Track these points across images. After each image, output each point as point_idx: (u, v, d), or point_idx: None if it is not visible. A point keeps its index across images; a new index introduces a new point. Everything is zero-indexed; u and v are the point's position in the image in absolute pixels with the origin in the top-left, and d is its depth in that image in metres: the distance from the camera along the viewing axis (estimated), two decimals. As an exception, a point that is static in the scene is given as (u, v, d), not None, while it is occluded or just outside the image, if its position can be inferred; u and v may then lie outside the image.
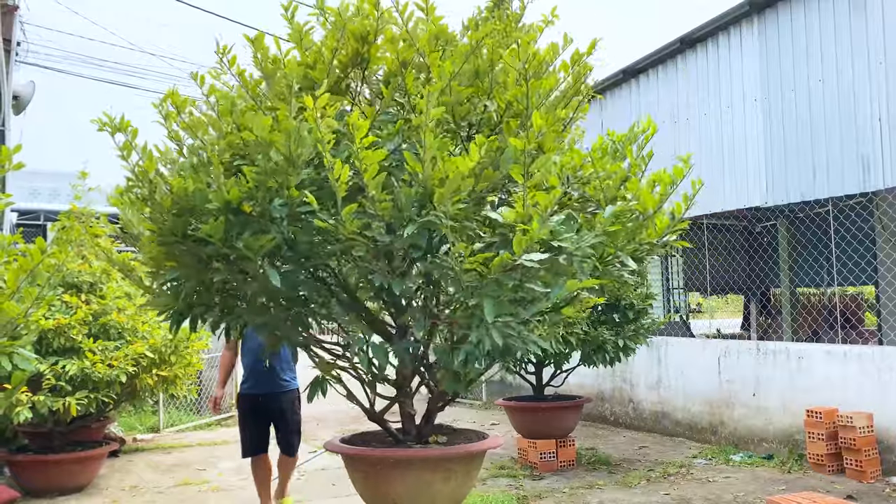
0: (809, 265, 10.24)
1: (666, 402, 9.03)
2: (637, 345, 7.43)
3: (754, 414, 7.87)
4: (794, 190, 7.88)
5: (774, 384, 7.69)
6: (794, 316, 10.49)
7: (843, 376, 7.03)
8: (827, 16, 7.56)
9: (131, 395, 6.89)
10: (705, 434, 8.45)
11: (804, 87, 7.78)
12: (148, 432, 9.56)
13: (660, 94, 9.65)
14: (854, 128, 7.28)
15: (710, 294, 15.09)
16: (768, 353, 7.78)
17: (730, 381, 8.18)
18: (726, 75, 8.71)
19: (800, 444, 7.24)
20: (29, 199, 20.10)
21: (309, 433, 9.50)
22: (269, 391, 5.45)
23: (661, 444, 8.49)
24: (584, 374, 9.11)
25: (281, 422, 5.52)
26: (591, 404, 9.13)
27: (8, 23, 9.09)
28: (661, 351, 9.11)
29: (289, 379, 5.56)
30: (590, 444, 8.44)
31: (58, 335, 6.14)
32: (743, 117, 8.47)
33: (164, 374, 6.81)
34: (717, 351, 8.40)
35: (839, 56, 7.44)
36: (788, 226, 9.79)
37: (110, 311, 6.56)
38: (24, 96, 9.82)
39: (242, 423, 5.55)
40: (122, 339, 6.52)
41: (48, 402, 5.85)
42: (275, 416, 5.51)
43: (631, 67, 9.89)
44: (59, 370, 5.97)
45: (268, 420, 5.51)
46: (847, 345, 7.55)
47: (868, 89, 7.16)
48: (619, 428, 9.57)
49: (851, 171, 7.29)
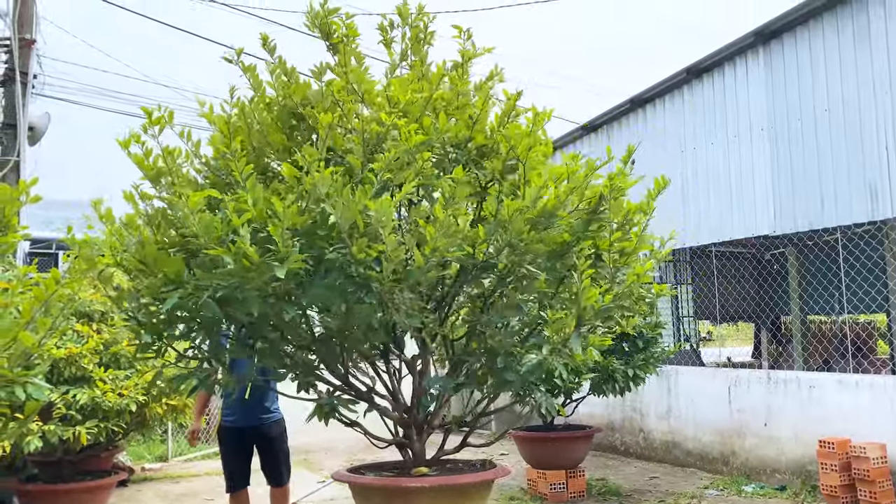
0: (819, 293, 10.19)
1: (676, 432, 8.95)
2: (647, 374, 7.40)
3: (766, 444, 7.79)
4: (803, 218, 7.88)
5: (786, 414, 7.62)
6: (804, 344, 10.42)
7: (855, 406, 6.96)
8: (832, 46, 7.63)
9: (141, 424, 6.89)
10: (716, 464, 8.36)
11: (810, 116, 7.82)
12: (156, 461, 9.54)
13: (667, 124, 9.71)
14: (861, 156, 7.29)
15: (719, 322, 15.00)
16: (779, 382, 7.73)
17: (741, 411, 8.11)
18: (733, 105, 8.77)
19: (813, 475, 7.15)
20: (42, 227, 20.27)
21: (316, 463, 9.46)
22: (255, 423, 5.31)
23: (672, 474, 8.40)
24: (594, 403, 9.06)
25: (269, 453, 5.37)
26: (601, 434, 9.06)
27: (25, 56, 9.26)
28: (671, 380, 9.05)
29: (274, 409, 5.43)
30: (600, 474, 8.36)
31: (69, 364, 6.17)
32: (750, 146, 8.51)
33: (174, 403, 6.82)
34: (728, 380, 8.34)
35: (845, 85, 7.49)
36: (797, 254, 9.77)
37: (121, 340, 6.59)
38: (39, 127, 9.97)
39: (227, 456, 5.41)
40: (132, 368, 6.54)
41: (58, 432, 5.85)
42: (262, 448, 5.37)
43: (638, 97, 9.98)
44: (70, 399, 5.98)
45: (251, 453, 5.39)
46: (859, 374, 7.48)
47: (874, 118, 7.19)
48: (629, 458, 9.48)
49: (860, 200, 7.29)
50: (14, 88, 9.09)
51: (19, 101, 9.12)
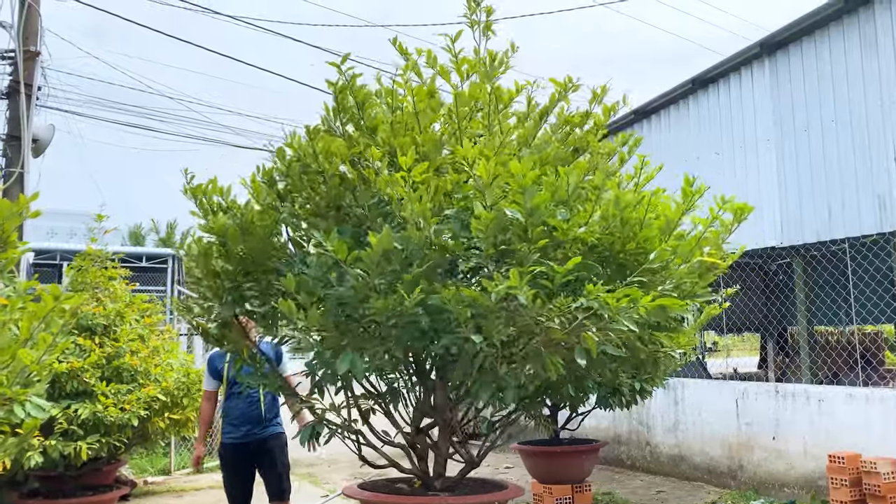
0: (827, 305, 10.11)
1: (683, 446, 8.86)
2: (654, 387, 7.31)
3: (775, 458, 7.70)
4: (810, 230, 7.82)
5: (795, 427, 7.53)
6: (812, 356, 10.32)
7: (866, 420, 6.87)
8: (838, 56, 7.58)
9: (143, 438, 6.84)
10: (724, 478, 8.26)
11: (817, 127, 7.77)
12: (159, 475, 9.47)
13: (671, 134, 9.67)
14: (869, 167, 7.24)
15: (726, 333, 14.90)
16: (787, 395, 7.64)
17: (749, 424, 8.02)
18: (738, 115, 8.72)
19: (822, 490, 7.05)
20: (46, 238, 20.32)
21: (321, 476, 9.38)
22: (259, 437, 5.25)
23: (680, 488, 8.31)
24: (601, 416, 8.97)
25: (271, 467, 5.28)
26: (606, 447, 8.97)
27: (30, 68, 9.27)
28: (677, 393, 8.97)
29: (277, 423, 5.38)
30: (606, 488, 8.27)
31: (71, 378, 6.13)
32: (756, 157, 8.46)
33: (176, 417, 6.77)
34: (735, 393, 8.26)
35: (851, 96, 7.44)
36: (804, 264, 9.69)
37: (123, 354, 6.55)
38: (43, 139, 9.97)
39: (229, 479, 5.32)
40: (134, 383, 6.49)
41: (59, 447, 5.80)
42: (263, 463, 5.29)
43: (643, 108, 9.94)
44: (72, 414, 5.94)
45: (253, 473, 5.32)
46: (869, 387, 7.40)
47: (882, 129, 7.14)
48: (635, 471, 9.38)
49: (868, 211, 7.23)
50: (18, 100, 9.09)
51: (24, 113, 9.12)
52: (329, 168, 3.53)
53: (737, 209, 3.67)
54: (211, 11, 10.93)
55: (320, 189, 3.59)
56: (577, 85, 3.92)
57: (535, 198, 2.98)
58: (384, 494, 3.72)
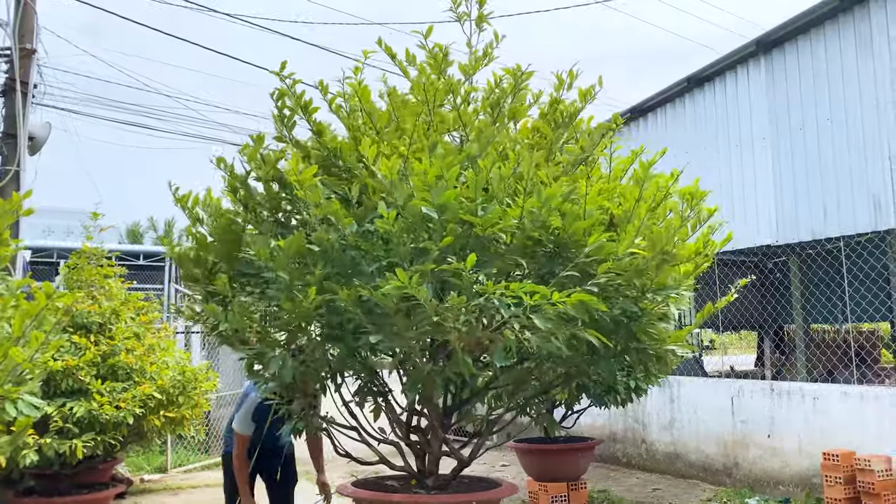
0: (822, 303, 10.13)
1: (679, 443, 8.88)
2: (649, 385, 7.32)
3: (770, 456, 7.72)
4: (805, 228, 7.83)
5: (790, 425, 7.55)
6: (807, 354, 10.34)
7: (860, 418, 6.89)
8: (834, 56, 7.59)
9: (139, 436, 6.83)
10: (720, 476, 8.28)
11: (813, 126, 7.78)
12: (155, 472, 9.47)
13: (668, 133, 9.67)
14: (864, 166, 7.25)
15: (722, 331, 14.93)
16: (783, 393, 7.66)
17: (744, 422, 8.04)
18: (734, 114, 8.73)
19: (817, 488, 7.08)
20: (42, 236, 20.28)
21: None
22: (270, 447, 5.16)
23: (675, 486, 8.32)
24: (596, 414, 8.98)
25: (280, 475, 5.21)
26: (602, 445, 8.99)
27: (26, 66, 9.25)
28: (673, 390, 8.98)
29: (285, 433, 5.34)
30: (602, 486, 8.29)
31: (66, 376, 6.12)
32: (752, 156, 8.47)
33: (172, 415, 6.76)
34: (731, 391, 8.27)
35: (847, 96, 7.45)
36: (800, 263, 9.71)
37: (119, 352, 6.55)
38: (39, 137, 9.95)
39: (231, 486, 5.19)
40: (130, 380, 6.48)
41: (55, 445, 5.80)
42: (272, 466, 5.22)
43: (639, 106, 9.95)
44: (67, 412, 5.93)
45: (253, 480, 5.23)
46: (863, 385, 7.42)
47: (877, 128, 7.15)
48: (631, 469, 9.40)
49: (863, 210, 7.24)
50: (14, 98, 9.07)
51: (19, 111, 9.10)
52: (264, 175, 3.70)
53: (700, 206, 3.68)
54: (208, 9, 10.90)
55: (262, 196, 3.78)
56: (530, 73, 3.92)
57: (442, 195, 2.95)
58: (375, 492, 3.73)
